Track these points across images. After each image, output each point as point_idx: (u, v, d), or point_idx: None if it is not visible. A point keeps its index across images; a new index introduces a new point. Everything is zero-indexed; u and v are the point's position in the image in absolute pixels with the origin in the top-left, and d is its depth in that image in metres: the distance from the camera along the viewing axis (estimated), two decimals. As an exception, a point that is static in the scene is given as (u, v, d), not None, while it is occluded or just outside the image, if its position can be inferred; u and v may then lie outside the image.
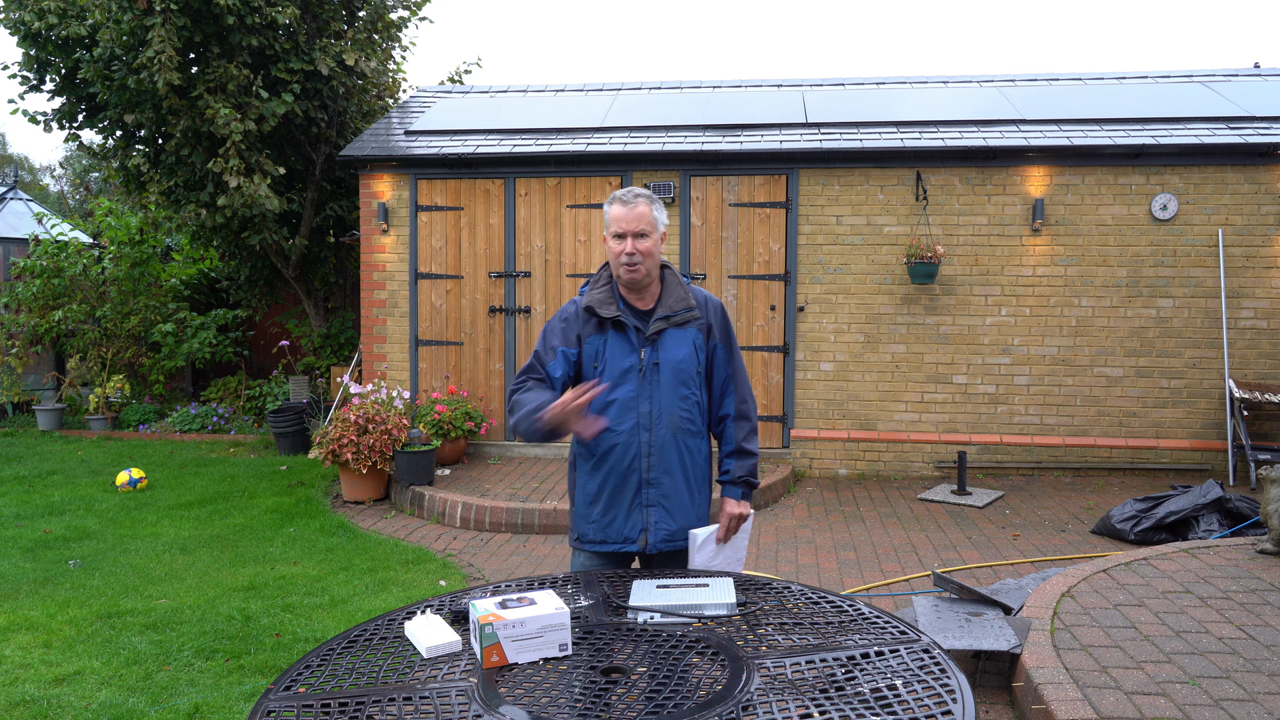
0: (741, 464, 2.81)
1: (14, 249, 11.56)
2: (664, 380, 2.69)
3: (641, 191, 2.72)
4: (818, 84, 9.63)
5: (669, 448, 2.70)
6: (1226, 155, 7.24)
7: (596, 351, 2.71)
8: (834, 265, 7.67)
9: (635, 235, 2.65)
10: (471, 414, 7.69)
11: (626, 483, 2.70)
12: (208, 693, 3.77)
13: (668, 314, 2.72)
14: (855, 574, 5.26)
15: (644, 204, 2.68)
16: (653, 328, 2.70)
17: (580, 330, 2.73)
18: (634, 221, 2.65)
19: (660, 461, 2.69)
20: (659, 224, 2.71)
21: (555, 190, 7.98)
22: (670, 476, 2.71)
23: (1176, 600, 4.05)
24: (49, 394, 10.90)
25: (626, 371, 2.69)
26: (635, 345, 2.70)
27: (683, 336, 2.72)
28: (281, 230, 9.79)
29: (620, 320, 2.70)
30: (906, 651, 1.87)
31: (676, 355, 2.71)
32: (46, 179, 27.73)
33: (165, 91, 8.21)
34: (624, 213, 2.66)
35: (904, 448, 7.62)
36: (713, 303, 2.82)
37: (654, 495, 2.70)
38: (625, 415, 2.68)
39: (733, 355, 2.83)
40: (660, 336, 2.71)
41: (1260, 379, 7.24)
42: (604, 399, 2.68)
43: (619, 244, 2.67)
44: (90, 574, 5.36)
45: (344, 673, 1.89)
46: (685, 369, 2.72)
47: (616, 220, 2.67)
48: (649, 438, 2.69)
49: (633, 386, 2.68)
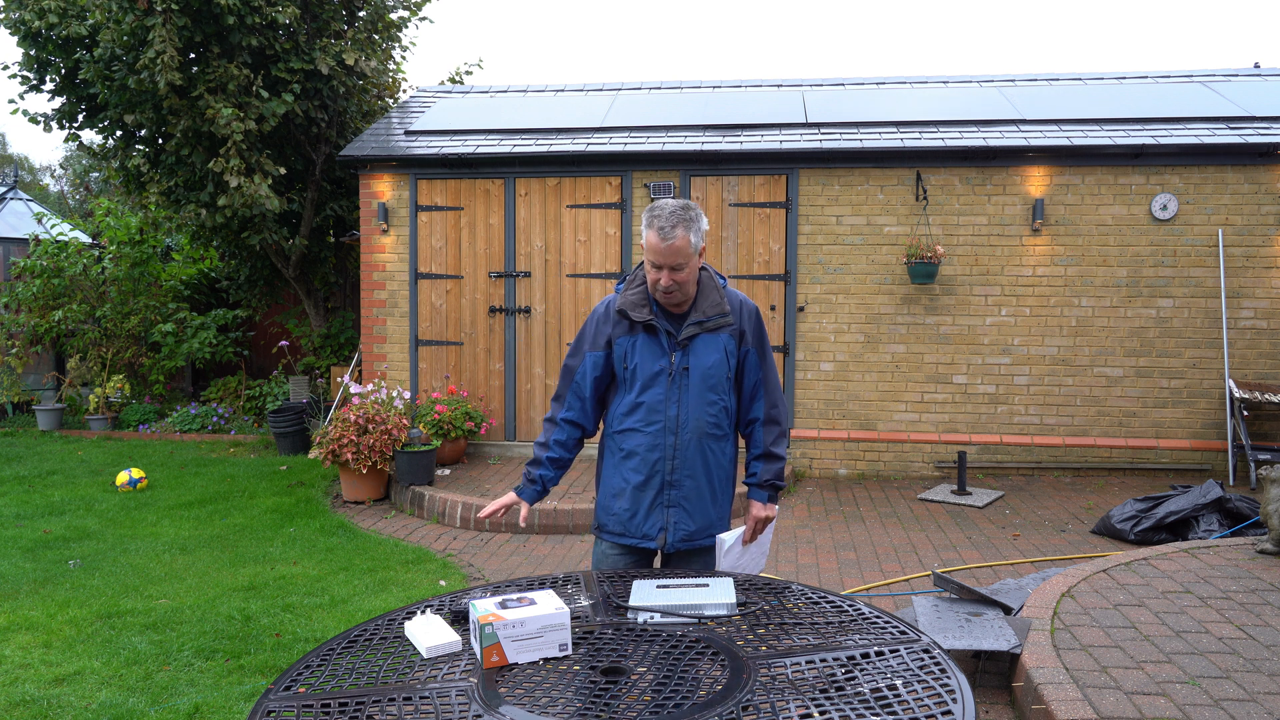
0: (769, 468, 2.82)
1: (14, 249, 11.56)
2: (692, 385, 2.68)
3: (680, 214, 2.58)
4: (818, 84, 9.63)
5: (693, 451, 2.71)
6: (1226, 155, 7.24)
7: (625, 353, 2.70)
8: (834, 265, 7.67)
9: (672, 269, 2.58)
10: (471, 414, 7.69)
11: (650, 483, 2.71)
12: (208, 693, 3.77)
13: (701, 319, 2.69)
14: (855, 574, 5.26)
15: (681, 234, 2.56)
16: (685, 333, 2.67)
17: (611, 331, 2.72)
18: (670, 255, 2.56)
19: (684, 465, 2.70)
20: (696, 247, 2.61)
21: (555, 190, 7.98)
22: (693, 479, 2.72)
23: (1176, 600, 4.05)
24: (49, 394, 10.90)
25: (656, 375, 2.68)
26: (666, 349, 2.69)
27: (714, 342, 2.70)
28: (281, 230, 9.79)
29: (652, 324, 2.67)
30: (906, 651, 1.87)
31: (706, 361, 2.69)
32: (46, 179, 27.74)
33: (165, 91, 8.21)
34: (660, 245, 2.56)
35: (904, 448, 7.62)
36: (748, 307, 2.79)
37: (676, 496, 2.72)
38: (653, 418, 2.69)
39: (765, 359, 2.81)
40: (692, 341, 2.69)
41: (1260, 379, 7.24)
42: (632, 400, 2.70)
43: (655, 273, 2.60)
44: (90, 574, 5.36)
45: (344, 673, 1.89)
46: (715, 374, 2.70)
47: (653, 250, 2.58)
48: (674, 441, 2.69)
49: (661, 390, 2.68)
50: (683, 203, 2.63)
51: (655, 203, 2.65)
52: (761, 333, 2.80)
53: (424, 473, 6.95)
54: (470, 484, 7.06)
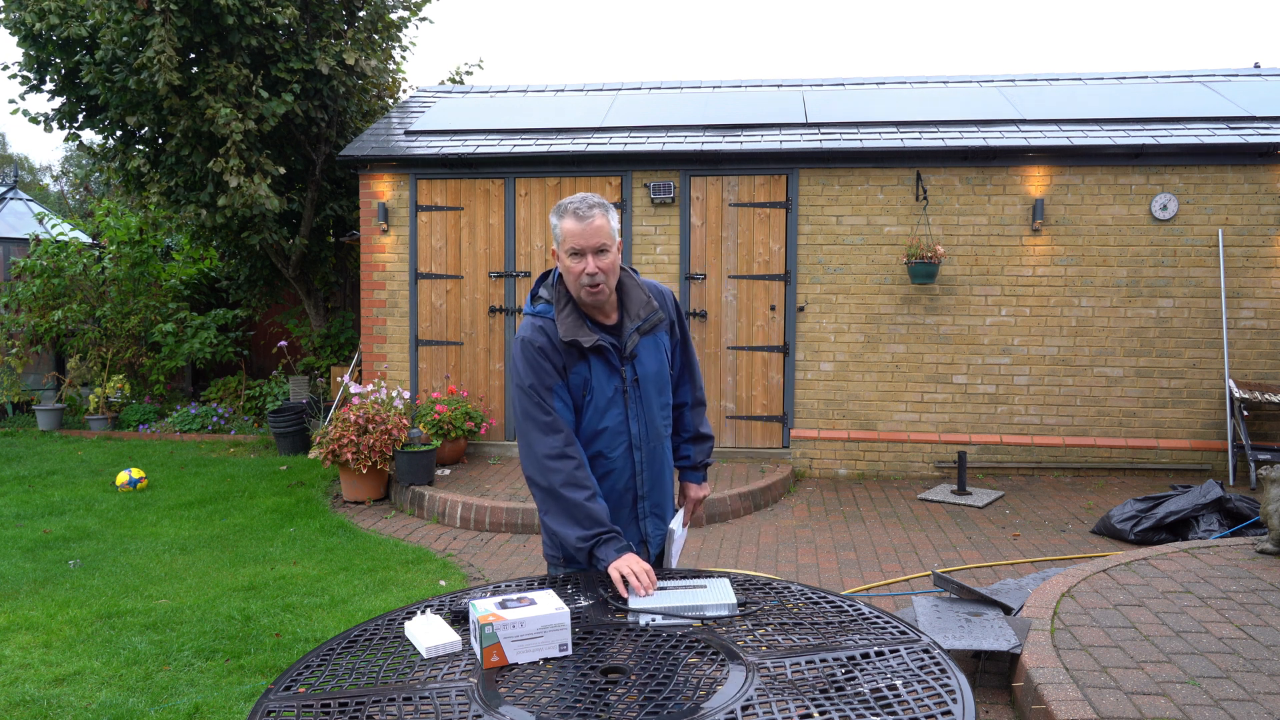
0: (701, 448, 2.87)
1: (14, 249, 11.56)
2: (646, 395, 2.63)
3: (595, 200, 2.48)
4: (818, 84, 9.63)
5: (657, 458, 2.70)
6: (1226, 155, 7.24)
7: (584, 380, 2.57)
8: (834, 265, 7.67)
9: (595, 251, 2.44)
10: (471, 414, 7.69)
11: (624, 501, 2.68)
12: (208, 693, 3.77)
13: (637, 324, 2.59)
14: (855, 574, 5.26)
15: (600, 215, 2.45)
16: (629, 344, 2.57)
17: (564, 361, 2.54)
18: (592, 236, 2.42)
19: (651, 474, 2.69)
20: (616, 234, 2.50)
21: (555, 190, 7.98)
22: (660, 486, 2.73)
23: (1176, 600, 4.05)
24: (49, 394, 10.90)
25: (612, 397, 2.58)
26: (616, 366, 2.58)
27: (654, 344, 2.64)
28: (281, 230, 9.79)
29: (599, 345, 2.54)
30: (906, 651, 1.87)
31: (652, 367, 2.62)
32: (46, 179, 27.75)
33: (165, 92, 8.21)
34: (579, 228, 2.43)
35: (904, 448, 7.62)
36: (667, 295, 2.73)
37: (648, 507, 2.71)
38: (616, 441, 2.62)
39: (687, 343, 2.80)
40: (636, 350, 2.60)
41: (1260, 379, 7.24)
42: (595, 427, 2.60)
43: (577, 263, 2.45)
44: (90, 574, 5.36)
45: (344, 673, 1.89)
46: (661, 376, 2.67)
47: (571, 236, 2.43)
48: (641, 456, 2.65)
49: (619, 410, 2.60)
50: (589, 194, 2.54)
51: (561, 199, 2.54)
52: (682, 315, 2.77)
53: (424, 473, 6.95)
54: (470, 484, 7.06)
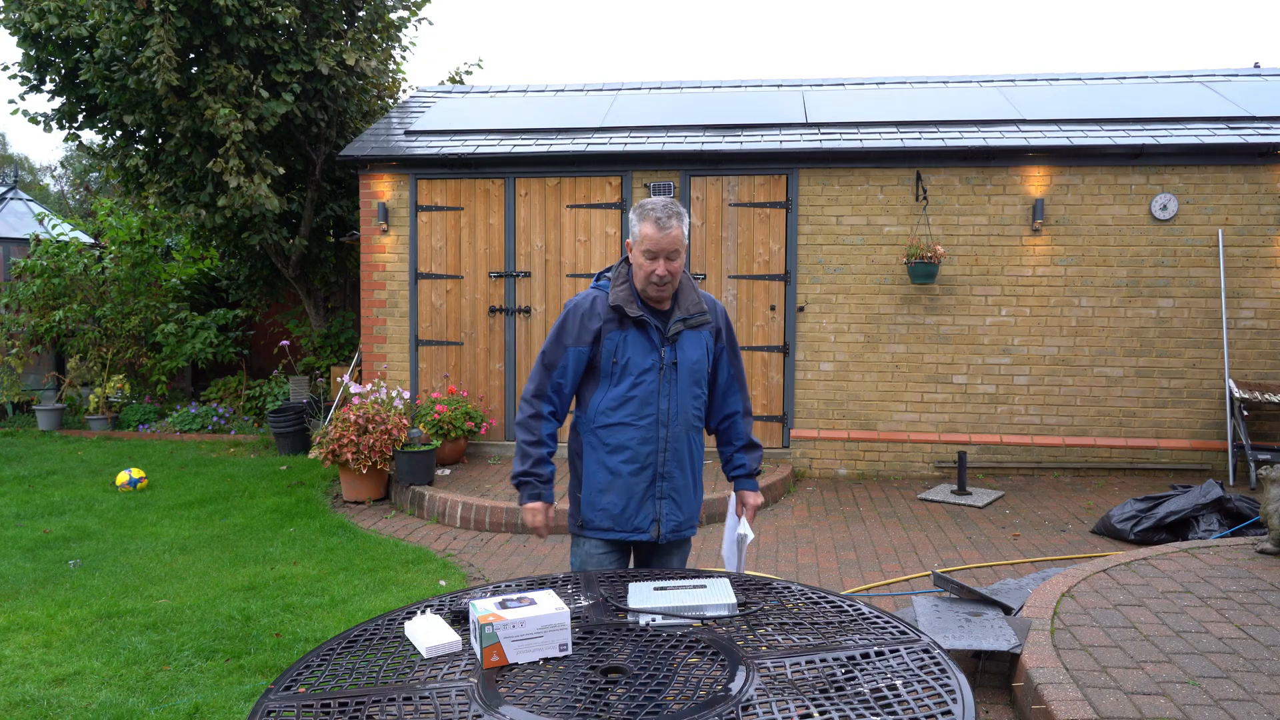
0: (753, 456, 3.01)
1: (14, 249, 11.56)
2: (681, 379, 2.82)
3: (675, 208, 2.74)
4: (818, 84, 9.63)
5: (681, 443, 2.86)
6: (1226, 155, 7.24)
7: (616, 347, 2.80)
8: (834, 265, 7.67)
9: (668, 257, 2.71)
10: (471, 414, 7.69)
11: (642, 475, 2.83)
12: (208, 693, 3.77)
13: (685, 316, 2.82)
14: (855, 574, 5.26)
15: (677, 225, 2.71)
16: (672, 329, 2.80)
17: (601, 325, 2.79)
18: (668, 244, 2.70)
19: (674, 456, 2.84)
20: (687, 241, 2.78)
21: (555, 190, 7.98)
22: (681, 471, 2.87)
23: (1176, 600, 4.05)
24: (49, 394, 10.90)
25: (647, 370, 2.79)
26: (655, 344, 2.80)
27: (697, 338, 2.85)
28: (281, 230, 9.79)
29: (643, 319, 2.78)
30: (906, 651, 1.88)
31: (692, 356, 2.84)
32: (46, 179, 27.75)
33: (165, 92, 8.21)
34: (659, 235, 2.69)
35: (904, 448, 7.62)
36: (719, 307, 2.96)
37: (666, 488, 2.85)
38: (645, 411, 2.80)
39: (736, 356, 2.99)
40: (678, 337, 2.82)
41: (1260, 379, 7.24)
42: (622, 394, 2.80)
43: (650, 263, 2.72)
44: (90, 574, 5.36)
45: (344, 673, 1.89)
46: (699, 369, 2.86)
47: (650, 240, 2.70)
48: (666, 433, 2.82)
49: (653, 384, 2.80)
50: (670, 199, 2.80)
51: (645, 199, 2.79)
52: (731, 330, 2.98)
53: (424, 473, 6.95)
54: (470, 484, 7.06)
